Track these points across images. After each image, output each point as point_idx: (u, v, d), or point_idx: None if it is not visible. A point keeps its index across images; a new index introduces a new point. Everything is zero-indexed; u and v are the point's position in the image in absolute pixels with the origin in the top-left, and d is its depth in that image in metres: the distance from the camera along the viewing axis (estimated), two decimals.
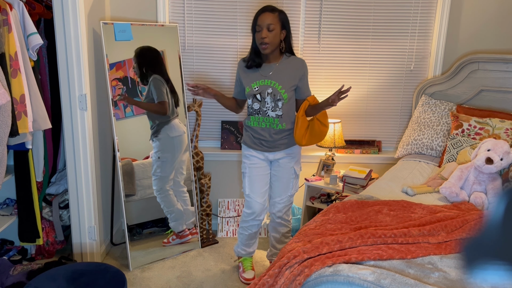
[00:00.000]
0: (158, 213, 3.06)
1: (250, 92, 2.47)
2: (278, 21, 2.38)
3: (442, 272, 1.67)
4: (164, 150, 2.96)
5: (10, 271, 2.38)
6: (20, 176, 2.57)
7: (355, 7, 3.14)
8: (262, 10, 2.40)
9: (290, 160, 2.56)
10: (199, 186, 3.20)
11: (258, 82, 2.46)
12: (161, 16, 3.09)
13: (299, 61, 2.50)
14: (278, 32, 2.39)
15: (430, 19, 3.18)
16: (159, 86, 2.89)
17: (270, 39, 2.37)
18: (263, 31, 2.36)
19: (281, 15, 2.40)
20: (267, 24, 2.35)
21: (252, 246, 2.79)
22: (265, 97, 2.44)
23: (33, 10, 2.50)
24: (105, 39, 2.70)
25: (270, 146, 2.52)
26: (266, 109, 2.45)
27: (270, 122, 2.47)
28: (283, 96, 2.43)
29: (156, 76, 2.89)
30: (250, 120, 2.53)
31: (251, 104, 2.49)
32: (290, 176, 2.58)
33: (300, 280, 1.71)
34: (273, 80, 2.43)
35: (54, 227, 2.86)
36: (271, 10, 2.38)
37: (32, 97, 2.34)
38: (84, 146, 2.66)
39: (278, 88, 2.43)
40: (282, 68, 2.46)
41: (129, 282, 2.67)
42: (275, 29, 2.37)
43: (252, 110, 2.50)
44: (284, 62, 2.47)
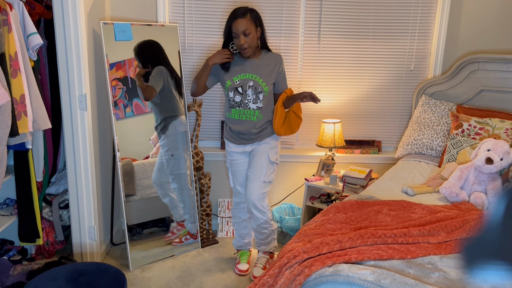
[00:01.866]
0: (158, 213, 3.06)
1: (231, 86, 2.57)
2: (252, 23, 2.46)
3: (442, 272, 1.67)
4: (175, 147, 2.99)
5: (10, 271, 2.38)
6: (20, 176, 2.57)
7: (355, 7, 3.14)
8: (233, 17, 2.45)
9: (265, 146, 2.65)
10: (199, 186, 3.20)
11: (239, 76, 2.56)
12: (161, 16, 3.09)
13: (277, 57, 2.62)
14: (254, 33, 2.48)
15: (430, 19, 3.18)
16: (157, 74, 2.89)
17: (249, 43, 2.47)
18: (241, 37, 2.46)
19: (252, 15, 2.46)
20: (242, 31, 2.44)
21: (246, 237, 2.91)
22: (246, 89, 2.55)
23: (33, 10, 2.50)
24: (105, 39, 2.70)
25: (247, 139, 2.64)
26: (248, 101, 2.57)
27: (250, 114, 2.58)
28: (264, 88, 2.56)
29: (160, 67, 2.91)
30: (231, 113, 2.63)
31: (233, 97, 2.58)
32: (264, 161, 2.63)
33: (300, 280, 1.71)
34: (254, 74, 2.55)
35: (54, 227, 2.86)
36: (242, 14, 2.44)
37: (32, 97, 2.34)
38: (84, 146, 2.66)
39: (259, 81, 2.55)
40: (262, 63, 2.58)
41: (129, 282, 2.67)
42: (251, 32, 2.45)
43: (233, 103, 2.60)
44: (263, 58, 2.59)
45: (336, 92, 3.29)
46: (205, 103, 3.27)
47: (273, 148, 2.68)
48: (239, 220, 2.86)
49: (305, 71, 3.26)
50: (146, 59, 2.87)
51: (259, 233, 2.78)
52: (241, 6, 2.51)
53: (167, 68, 2.94)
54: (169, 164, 2.98)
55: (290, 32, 3.18)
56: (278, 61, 2.61)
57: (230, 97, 2.59)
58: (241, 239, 2.92)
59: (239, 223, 2.87)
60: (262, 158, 2.64)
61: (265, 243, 2.82)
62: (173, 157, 2.97)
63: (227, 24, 2.49)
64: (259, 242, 2.85)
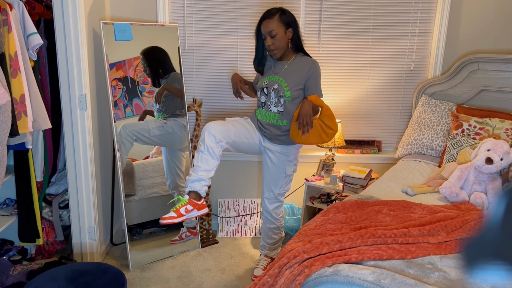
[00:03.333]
0: (158, 213, 3.05)
1: (260, 85, 2.56)
2: (280, 24, 2.40)
3: (442, 272, 1.67)
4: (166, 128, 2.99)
5: (10, 271, 2.38)
6: (20, 176, 2.57)
7: (355, 7, 3.14)
8: (262, 18, 2.44)
9: (283, 158, 2.56)
10: None
11: (269, 77, 2.53)
12: (161, 16, 3.09)
13: (310, 62, 2.50)
14: (283, 35, 2.42)
15: (430, 19, 3.18)
16: (178, 79, 2.99)
17: (276, 44, 2.42)
18: (267, 39, 2.43)
19: (282, 17, 2.41)
20: (268, 32, 2.40)
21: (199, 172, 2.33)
22: (270, 92, 2.50)
23: (33, 10, 2.50)
24: (105, 39, 2.70)
25: (269, 136, 2.55)
26: (270, 103, 2.51)
27: (271, 117, 2.51)
28: (286, 94, 2.45)
29: (175, 73, 2.98)
30: (257, 112, 2.61)
31: (259, 97, 2.57)
32: (280, 174, 2.58)
33: (300, 280, 1.71)
34: (280, 77, 2.48)
35: (54, 227, 2.86)
36: (270, 16, 2.40)
37: (32, 97, 2.34)
38: (84, 146, 2.66)
39: (284, 85, 2.46)
40: (292, 67, 2.49)
41: (129, 282, 2.67)
42: (277, 33, 2.40)
43: (259, 103, 2.59)
44: (295, 62, 2.50)
45: (336, 92, 3.29)
46: (204, 103, 3.27)
47: (290, 161, 2.57)
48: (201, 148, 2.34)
49: None
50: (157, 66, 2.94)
51: (269, 237, 2.78)
52: (274, 7, 2.46)
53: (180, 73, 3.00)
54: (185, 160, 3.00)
55: None
56: (311, 67, 2.45)
57: (258, 96, 2.58)
58: (195, 172, 2.33)
59: (199, 151, 2.35)
60: (279, 171, 2.56)
61: (271, 248, 2.82)
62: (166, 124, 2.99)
63: (258, 25, 2.47)
64: (265, 246, 2.82)
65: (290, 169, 2.60)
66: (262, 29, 2.43)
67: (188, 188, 2.35)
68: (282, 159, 2.56)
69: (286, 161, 2.57)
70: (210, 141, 2.33)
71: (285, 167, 2.57)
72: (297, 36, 2.49)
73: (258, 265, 2.81)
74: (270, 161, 2.57)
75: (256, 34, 2.52)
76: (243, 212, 3.39)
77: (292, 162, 2.60)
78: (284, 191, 2.66)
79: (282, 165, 2.57)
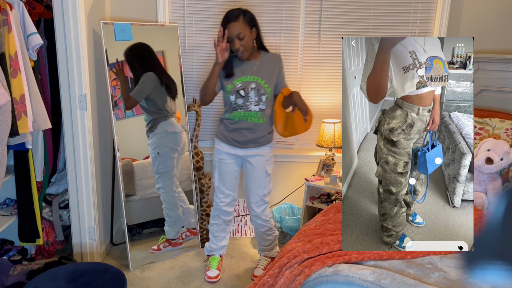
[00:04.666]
0: (158, 213, 3.06)
1: (233, 89, 2.51)
2: (245, 25, 2.40)
3: (442, 272, 1.67)
4: (162, 145, 2.94)
5: (10, 271, 2.38)
6: (20, 176, 2.57)
7: (355, 7, 3.14)
8: (227, 21, 2.39)
9: (262, 159, 2.61)
10: (199, 186, 3.20)
11: (240, 79, 2.51)
12: (161, 16, 3.09)
13: (276, 56, 2.58)
14: (249, 35, 2.43)
15: (430, 19, 3.18)
16: (144, 82, 2.82)
17: (244, 46, 2.42)
18: (235, 41, 2.40)
19: (245, 17, 2.40)
20: (236, 35, 2.39)
21: (222, 240, 2.80)
22: (249, 92, 2.50)
23: (33, 10, 2.50)
24: (105, 39, 2.70)
25: (245, 143, 2.56)
26: (250, 103, 2.51)
27: (252, 116, 2.53)
28: (267, 90, 2.51)
29: (149, 74, 2.83)
30: (232, 114, 2.55)
31: (234, 100, 2.52)
32: (262, 175, 2.63)
33: (300, 280, 1.71)
34: (255, 76, 2.50)
35: (54, 227, 2.86)
36: (235, 18, 2.38)
37: (32, 97, 2.34)
38: (84, 146, 2.66)
39: (262, 83, 2.50)
40: (262, 65, 2.53)
41: (129, 282, 2.67)
42: (245, 35, 2.40)
43: (235, 106, 2.54)
44: (263, 59, 2.54)
45: (336, 92, 3.29)
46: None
47: (268, 160, 2.64)
48: (219, 222, 2.75)
49: (305, 71, 3.26)
50: (136, 64, 2.82)
51: (263, 239, 2.80)
52: (234, 9, 2.43)
53: (157, 72, 2.86)
54: (155, 162, 2.95)
55: (290, 32, 3.18)
56: (279, 61, 2.57)
57: (231, 100, 2.52)
58: (217, 242, 2.79)
59: (218, 224, 2.76)
60: (260, 172, 2.62)
61: (268, 249, 2.84)
62: (159, 155, 2.95)
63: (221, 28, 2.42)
64: (262, 248, 2.84)
65: (270, 168, 2.66)
66: (229, 33, 2.38)
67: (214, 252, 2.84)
68: (261, 161, 2.61)
69: (265, 161, 2.62)
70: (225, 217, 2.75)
71: (265, 167, 2.63)
72: (259, 35, 2.51)
73: (259, 265, 2.81)
74: (250, 165, 2.62)
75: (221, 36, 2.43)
76: (243, 212, 3.39)
77: (270, 161, 2.66)
78: (268, 191, 2.69)
79: (262, 166, 2.62)
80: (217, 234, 2.78)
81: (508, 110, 2.98)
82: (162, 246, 3.02)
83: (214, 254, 2.83)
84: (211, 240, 2.82)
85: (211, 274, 2.72)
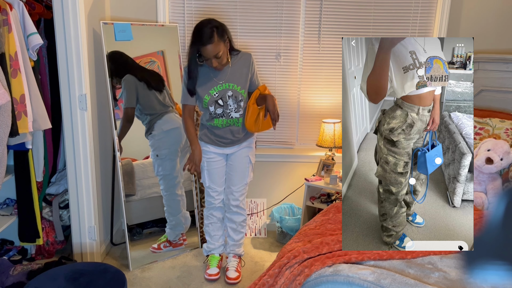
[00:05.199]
0: (158, 213, 3.06)
1: (211, 100, 2.48)
2: (220, 42, 2.34)
3: (442, 272, 1.67)
4: (160, 147, 2.93)
5: (10, 271, 2.38)
6: (20, 176, 2.57)
7: (355, 7, 3.14)
8: (201, 43, 2.30)
9: (246, 150, 2.66)
10: (199, 186, 3.20)
11: (216, 88, 2.48)
12: (161, 16, 3.09)
13: (247, 56, 2.55)
14: (225, 50, 2.40)
15: (430, 19, 3.18)
16: (128, 88, 2.81)
17: (221, 62, 2.40)
18: (212, 61, 2.36)
19: (218, 33, 2.32)
20: (213, 55, 2.34)
21: (219, 239, 2.83)
22: (227, 100, 2.50)
23: (33, 10, 2.50)
24: (105, 39, 2.70)
25: (229, 143, 2.61)
26: (230, 111, 2.52)
27: (234, 122, 2.56)
28: (244, 95, 2.53)
29: (127, 77, 2.81)
30: (213, 122, 2.54)
31: (214, 110, 2.50)
32: (246, 165, 2.68)
33: (300, 280, 1.71)
34: (230, 83, 2.49)
35: (54, 227, 2.86)
36: (209, 39, 2.29)
37: (32, 97, 2.34)
38: (84, 146, 2.66)
39: (238, 89, 2.50)
40: (235, 69, 2.51)
41: (129, 282, 2.67)
42: (222, 53, 2.36)
43: (215, 115, 2.52)
44: (235, 63, 2.50)
45: (336, 92, 3.29)
46: None
47: (252, 150, 2.70)
48: (214, 221, 2.78)
49: (305, 71, 3.26)
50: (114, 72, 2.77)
51: (237, 233, 2.80)
52: (203, 25, 2.32)
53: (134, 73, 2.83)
54: (155, 164, 2.95)
55: (290, 32, 3.18)
56: (249, 62, 2.53)
57: (210, 111, 2.50)
58: (215, 241, 2.82)
59: (213, 223, 2.78)
60: (244, 161, 2.67)
61: (238, 245, 2.82)
62: (158, 157, 2.94)
63: (194, 46, 2.35)
64: (233, 245, 2.81)
65: (253, 158, 2.71)
66: (205, 54, 2.33)
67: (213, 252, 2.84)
68: (245, 151, 2.67)
69: (249, 151, 2.68)
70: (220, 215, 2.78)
71: (249, 156, 2.68)
72: (231, 43, 2.46)
73: (230, 266, 2.77)
74: (234, 157, 2.66)
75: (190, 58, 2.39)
76: None
77: (253, 151, 2.72)
78: (250, 180, 2.74)
79: (246, 156, 2.67)
80: (213, 234, 2.81)
81: (508, 110, 2.98)
82: (163, 246, 3.02)
83: (213, 253, 2.83)
84: (209, 241, 2.84)
85: (211, 272, 2.73)
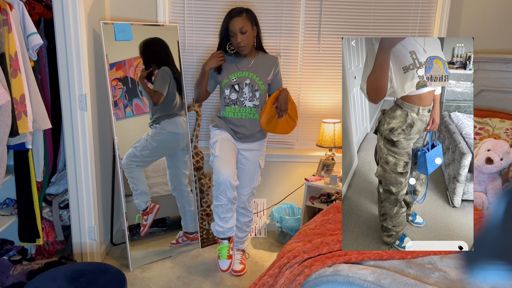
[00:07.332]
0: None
1: (228, 83, 2.60)
2: (248, 21, 2.52)
3: (442, 272, 1.67)
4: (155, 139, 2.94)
5: (10, 271, 2.38)
6: (20, 176, 2.57)
7: (355, 7, 3.14)
8: (230, 16, 2.51)
9: (257, 154, 2.71)
10: (199, 186, 3.20)
11: (236, 74, 2.61)
12: (161, 16, 3.09)
13: (274, 58, 2.68)
14: (251, 32, 2.55)
15: (430, 19, 3.18)
16: (163, 76, 2.91)
17: (246, 41, 2.53)
18: (238, 35, 2.50)
19: (248, 14, 2.53)
20: (239, 29, 2.50)
21: (229, 221, 2.55)
22: (243, 87, 2.59)
23: (33, 10, 2.50)
24: (105, 39, 2.70)
25: (242, 137, 2.66)
26: (244, 99, 2.60)
27: (246, 112, 2.62)
28: (261, 87, 2.60)
29: (164, 68, 2.93)
30: (225, 111, 2.65)
31: (228, 95, 2.61)
32: (256, 169, 2.73)
33: (300, 280, 1.71)
34: (251, 72, 2.60)
35: (54, 227, 2.86)
36: (239, 13, 2.50)
37: (32, 97, 2.34)
38: (84, 146, 2.66)
39: (256, 79, 2.60)
40: (259, 63, 2.63)
41: (129, 282, 2.67)
42: (247, 30, 2.51)
43: (229, 101, 2.62)
44: (260, 58, 2.65)
45: (336, 92, 3.29)
46: (205, 103, 3.27)
47: (262, 154, 2.75)
48: (224, 201, 2.47)
49: (305, 71, 3.26)
50: (151, 59, 2.88)
51: (242, 231, 2.87)
52: (237, 7, 2.57)
53: (170, 68, 2.94)
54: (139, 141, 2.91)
55: (290, 32, 3.18)
56: (275, 63, 2.66)
57: (225, 94, 2.61)
58: (223, 224, 2.55)
59: (223, 205, 2.49)
60: (254, 166, 2.71)
61: (242, 241, 2.92)
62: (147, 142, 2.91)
63: (224, 24, 2.55)
64: (237, 241, 2.89)
65: (263, 162, 2.77)
66: (232, 27, 2.50)
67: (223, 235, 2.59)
68: (255, 155, 2.71)
69: (259, 156, 2.73)
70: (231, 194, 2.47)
71: (259, 161, 2.73)
72: (259, 35, 2.63)
73: (235, 260, 2.85)
74: (245, 159, 2.70)
75: (222, 33, 2.58)
76: None
77: (263, 156, 2.77)
78: (258, 184, 2.79)
79: (256, 160, 2.72)
80: (222, 216, 2.53)
81: (508, 110, 2.98)
82: (181, 240, 3.09)
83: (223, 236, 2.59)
84: (217, 223, 2.57)
85: (223, 267, 2.59)
